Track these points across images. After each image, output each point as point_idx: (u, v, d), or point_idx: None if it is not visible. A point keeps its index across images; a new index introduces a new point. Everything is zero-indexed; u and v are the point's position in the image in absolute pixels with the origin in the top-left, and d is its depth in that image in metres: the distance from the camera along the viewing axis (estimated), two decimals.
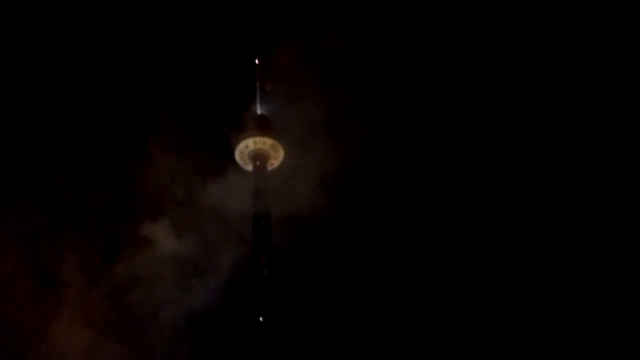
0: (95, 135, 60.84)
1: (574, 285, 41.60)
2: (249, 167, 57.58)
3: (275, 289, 51.96)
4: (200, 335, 53.75)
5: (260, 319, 49.14)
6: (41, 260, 54.60)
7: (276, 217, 55.03)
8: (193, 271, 55.82)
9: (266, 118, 58.73)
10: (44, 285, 54.18)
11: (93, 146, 60.02)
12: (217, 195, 56.55)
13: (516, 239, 47.12)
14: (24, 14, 60.59)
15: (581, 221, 45.22)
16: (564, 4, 51.89)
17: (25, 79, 58.73)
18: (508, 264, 46.21)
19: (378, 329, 46.99)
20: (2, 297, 52.25)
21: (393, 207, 52.64)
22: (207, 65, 60.46)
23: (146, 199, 58.91)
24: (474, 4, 53.90)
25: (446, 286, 46.74)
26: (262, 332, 49.89)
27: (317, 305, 49.66)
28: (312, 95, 55.45)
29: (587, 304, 40.62)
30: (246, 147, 56.72)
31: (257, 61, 60.23)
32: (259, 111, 58.96)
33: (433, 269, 46.73)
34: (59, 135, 59.66)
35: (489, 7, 53.16)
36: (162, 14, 62.79)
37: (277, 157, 57.29)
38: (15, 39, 60.35)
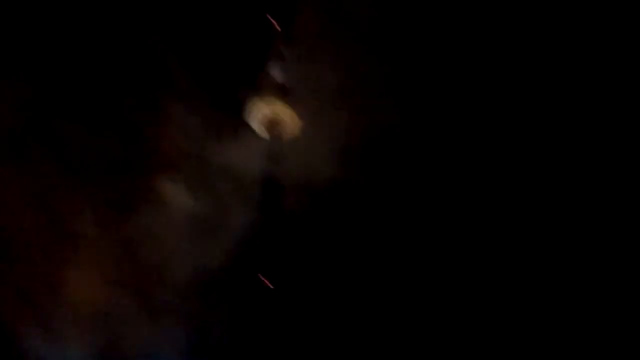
0: (107, 85, 59.17)
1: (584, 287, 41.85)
2: (264, 133, 55.04)
3: (286, 257, 51.94)
4: (210, 292, 54.08)
5: (270, 285, 48.92)
6: (54, 212, 54.15)
7: (291, 184, 53.82)
8: (204, 229, 56.35)
9: (282, 81, 57.65)
10: (57, 236, 54.22)
11: (104, 96, 58.31)
12: (230, 156, 54.34)
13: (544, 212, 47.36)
14: None
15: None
16: None
17: (34, 27, 56.73)
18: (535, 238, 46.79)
19: (391, 300, 46.95)
20: (16, 249, 52.36)
21: (414, 177, 52.52)
22: (222, 19, 57.93)
23: (157, 154, 58.20)
24: None
25: (465, 260, 46.77)
26: (270, 297, 49.87)
27: (328, 274, 49.06)
28: (332, 58, 52.80)
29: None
30: (260, 112, 53.78)
31: (271, 19, 57.48)
32: (275, 74, 57.51)
33: (453, 242, 46.58)
34: (70, 83, 58.00)
35: None
36: None
37: (293, 123, 54.67)
38: None
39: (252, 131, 56.78)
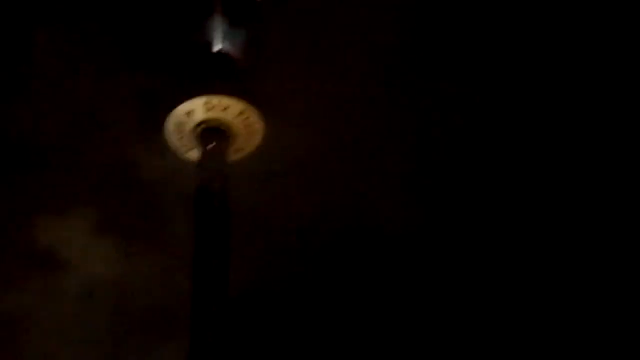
0: None
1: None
2: (193, 154, 33.20)
3: None
4: None
5: None
6: None
7: (243, 258, 31.75)
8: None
9: (231, 59, 35.30)
10: None
11: None
12: (131, 206, 32.85)
13: None
14: None
15: None
16: None
17: None
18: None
19: None
20: None
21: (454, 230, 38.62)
22: None
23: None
24: None
25: None
26: None
27: None
28: (319, 19, 32.33)
29: None
30: (188, 116, 31.32)
31: None
32: (218, 46, 35.46)
33: None
34: None
35: None
36: None
37: (250, 136, 33.79)
38: None
39: (172, 152, 35.34)
